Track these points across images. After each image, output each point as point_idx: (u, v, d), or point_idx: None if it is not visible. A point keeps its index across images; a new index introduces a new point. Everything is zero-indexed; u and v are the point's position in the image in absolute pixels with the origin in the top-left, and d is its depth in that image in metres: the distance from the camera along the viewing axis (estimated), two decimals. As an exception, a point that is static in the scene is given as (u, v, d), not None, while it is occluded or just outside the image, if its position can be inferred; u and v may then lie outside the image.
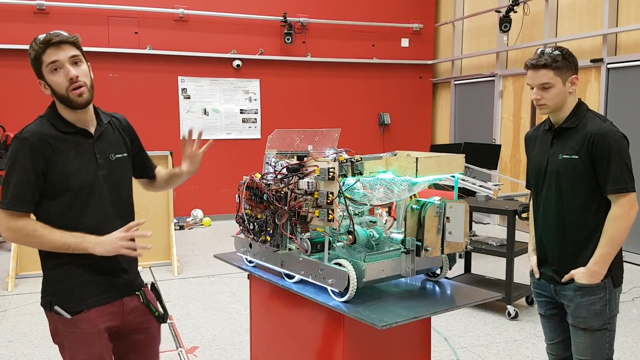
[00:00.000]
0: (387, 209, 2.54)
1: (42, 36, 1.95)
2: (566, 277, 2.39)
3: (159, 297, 2.25)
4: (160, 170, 2.42)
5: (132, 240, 2.02)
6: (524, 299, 4.84)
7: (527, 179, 2.67)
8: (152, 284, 2.27)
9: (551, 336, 2.62)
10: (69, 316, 1.99)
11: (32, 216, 1.98)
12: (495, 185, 5.63)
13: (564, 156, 2.37)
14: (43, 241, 1.93)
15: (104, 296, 2.05)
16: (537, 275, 2.57)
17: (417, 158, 2.09)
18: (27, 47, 2.00)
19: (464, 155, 2.30)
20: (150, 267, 5.98)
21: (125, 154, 2.17)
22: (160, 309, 2.23)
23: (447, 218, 2.15)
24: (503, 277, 4.66)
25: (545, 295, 2.57)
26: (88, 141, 2.04)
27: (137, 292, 2.17)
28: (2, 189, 1.93)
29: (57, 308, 1.99)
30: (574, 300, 2.39)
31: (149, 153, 2.42)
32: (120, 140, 2.17)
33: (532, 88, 2.41)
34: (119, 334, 2.15)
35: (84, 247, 1.95)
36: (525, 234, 5.92)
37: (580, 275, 2.35)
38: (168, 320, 4.48)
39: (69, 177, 1.96)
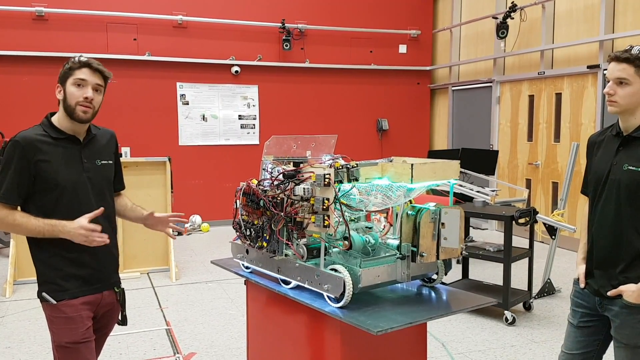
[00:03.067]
0: (384, 215, 2.55)
1: (84, 58, 2.28)
2: (614, 292, 2.28)
3: (124, 303, 2.49)
4: (126, 199, 2.64)
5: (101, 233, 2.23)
6: (521, 304, 4.84)
7: (583, 184, 2.55)
8: (123, 289, 2.49)
9: (573, 347, 2.50)
10: (54, 301, 2.25)
11: (19, 207, 2.27)
12: (493, 191, 5.65)
13: (630, 167, 2.24)
14: (22, 229, 2.21)
15: (85, 288, 2.30)
16: (582, 285, 2.45)
17: (412, 164, 2.10)
18: (26, 53, 2.14)
19: (459, 161, 2.31)
20: (148, 273, 5.97)
21: (110, 161, 2.46)
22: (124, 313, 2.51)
23: (443, 224, 2.16)
24: (501, 282, 4.67)
25: (585, 306, 2.45)
26: (76, 147, 2.33)
27: (116, 290, 2.44)
28: None
29: (44, 294, 2.27)
30: (619, 317, 2.30)
31: (148, 159, 2.53)
32: (107, 149, 2.46)
33: (609, 82, 2.27)
34: None
35: (56, 234, 2.20)
36: (522, 240, 5.95)
37: (629, 293, 2.24)
38: (166, 327, 4.48)
39: (57, 175, 2.24)
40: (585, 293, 2.45)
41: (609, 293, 2.31)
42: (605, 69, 2.32)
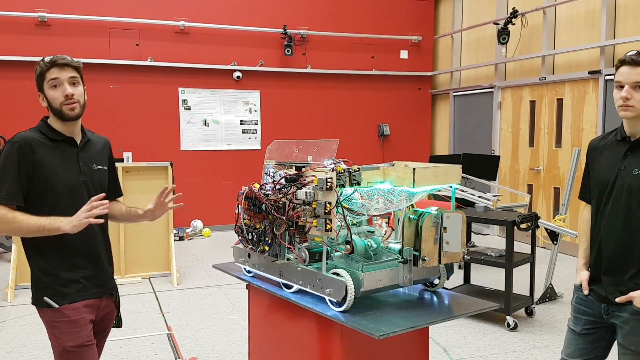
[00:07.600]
0: (386, 219, 2.55)
1: (49, 57, 2.25)
2: (623, 299, 2.25)
3: (119, 304, 2.53)
4: (121, 204, 2.64)
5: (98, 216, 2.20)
6: (523, 310, 4.83)
7: (582, 189, 2.53)
8: (118, 293, 2.53)
9: (574, 354, 2.47)
10: (56, 305, 2.24)
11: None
12: (494, 196, 5.65)
13: None
14: (22, 226, 2.17)
15: (84, 293, 2.31)
16: (585, 292, 2.40)
17: (414, 168, 2.11)
18: (29, 58, 2.14)
19: (460, 165, 2.31)
20: (149, 278, 5.97)
21: (105, 167, 2.47)
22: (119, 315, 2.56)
23: (444, 228, 2.16)
24: (502, 288, 4.66)
25: (589, 313, 2.41)
26: (73, 149, 2.33)
27: (112, 293, 2.46)
28: None
29: (45, 298, 2.24)
30: (629, 323, 2.26)
31: (150, 164, 2.50)
32: (101, 154, 2.47)
33: (621, 87, 2.21)
34: None
35: (57, 226, 2.16)
36: (523, 245, 5.94)
37: None
38: (167, 332, 4.48)
39: (53, 178, 2.24)
40: (589, 300, 2.41)
41: (618, 299, 2.27)
42: (608, 75, 2.32)
